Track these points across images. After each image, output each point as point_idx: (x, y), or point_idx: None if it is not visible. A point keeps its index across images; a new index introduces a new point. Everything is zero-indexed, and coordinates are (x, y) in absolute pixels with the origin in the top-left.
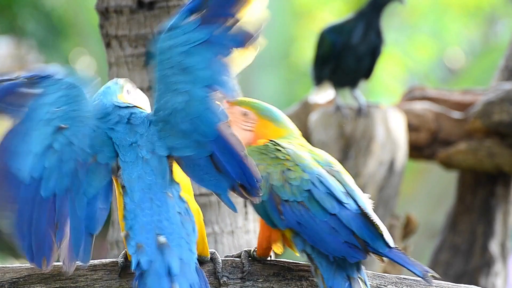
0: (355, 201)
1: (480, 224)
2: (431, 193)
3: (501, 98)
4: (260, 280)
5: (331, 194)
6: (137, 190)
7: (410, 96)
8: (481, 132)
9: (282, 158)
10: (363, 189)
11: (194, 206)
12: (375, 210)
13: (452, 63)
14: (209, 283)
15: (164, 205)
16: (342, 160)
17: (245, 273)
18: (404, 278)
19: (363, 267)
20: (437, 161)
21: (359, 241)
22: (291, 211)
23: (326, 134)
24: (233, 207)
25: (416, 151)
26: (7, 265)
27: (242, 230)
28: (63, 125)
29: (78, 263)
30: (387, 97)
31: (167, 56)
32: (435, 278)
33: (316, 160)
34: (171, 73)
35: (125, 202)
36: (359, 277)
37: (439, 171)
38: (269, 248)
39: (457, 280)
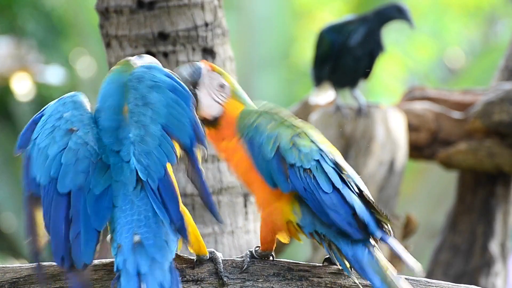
0: (356, 184)
1: (480, 224)
2: (431, 193)
3: (501, 98)
4: (260, 280)
5: (336, 170)
6: (120, 194)
7: (410, 96)
8: (481, 132)
9: (294, 124)
10: None
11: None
12: None
13: (452, 63)
14: (209, 283)
15: (145, 205)
16: None
17: (244, 269)
18: (404, 278)
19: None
20: (437, 161)
21: (357, 221)
22: (297, 175)
23: (326, 134)
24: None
25: (416, 151)
26: (7, 265)
27: (242, 230)
28: (74, 128)
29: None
30: (387, 97)
31: (135, 85)
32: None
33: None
34: (136, 104)
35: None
36: (373, 245)
37: (439, 171)
38: (273, 241)
39: (457, 280)
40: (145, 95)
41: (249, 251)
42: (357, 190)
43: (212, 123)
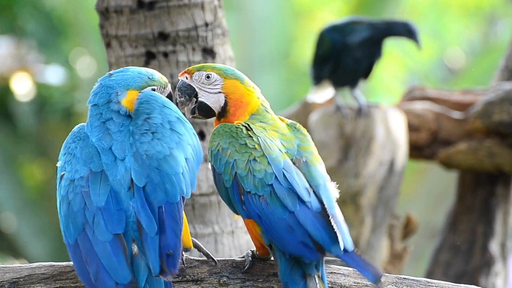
0: (318, 198)
1: (480, 224)
2: (431, 193)
3: (501, 98)
4: (260, 280)
5: (293, 190)
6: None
7: (410, 96)
8: (481, 132)
9: (251, 146)
10: (363, 189)
11: None
12: (375, 210)
13: (452, 63)
14: (209, 283)
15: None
16: (342, 160)
17: (245, 268)
18: (404, 278)
19: (323, 263)
20: (437, 161)
21: (313, 242)
22: (252, 203)
23: (326, 134)
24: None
25: (416, 151)
26: (7, 265)
27: (242, 230)
28: (62, 173)
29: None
30: (387, 97)
31: (162, 109)
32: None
33: (287, 148)
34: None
35: None
36: (317, 274)
37: (439, 171)
38: (264, 246)
39: (457, 280)
40: (172, 121)
41: (251, 250)
42: (317, 206)
43: (224, 112)
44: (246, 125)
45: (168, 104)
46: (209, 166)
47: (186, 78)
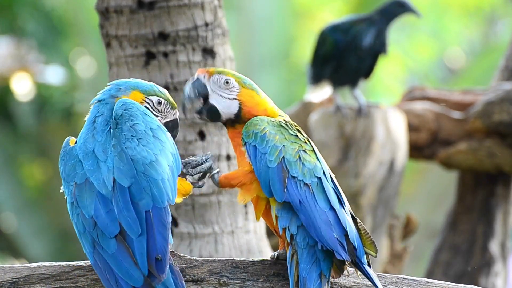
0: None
1: (480, 224)
2: (431, 193)
3: (501, 98)
4: (260, 280)
5: (336, 192)
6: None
7: (410, 96)
8: (481, 132)
9: (302, 139)
10: (363, 189)
11: None
12: (375, 210)
13: (452, 63)
14: (209, 283)
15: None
16: (342, 160)
17: (204, 178)
18: (404, 278)
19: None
20: (437, 161)
21: (348, 242)
22: (296, 187)
23: (326, 134)
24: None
25: (416, 151)
26: (7, 265)
27: (242, 230)
28: (65, 197)
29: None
30: (387, 97)
31: (144, 116)
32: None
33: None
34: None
35: None
36: (328, 280)
37: (439, 171)
38: (232, 187)
39: (457, 280)
40: (153, 129)
41: (212, 174)
42: (350, 214)
43: (236, 120)
44: (291, 122)
45: (147, 112)
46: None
47: (204, 77)
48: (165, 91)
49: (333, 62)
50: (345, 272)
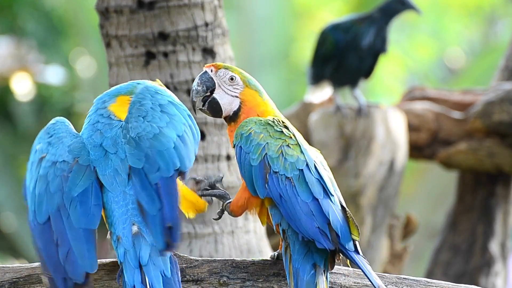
0: (339, 198)
1: (480, 224)
2: (431, 193)
3: (501, 98)
4: (260, 280)
5: (321, 182)
6: (110, 187)
7: (410, 96)
8: (481, 132)
9: (287, 134)
10: (363, 189)
11: None
12: (375, 210)
13: (452, 63)
14: (209, 283)
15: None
16: (342, 160)
17: (217, 218)
18: (404, 278)
19: (329, 269)
20: (437, 161)
21: (331, 231)
22: (277, 182)
23: (326, 134)
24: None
25: (416, 151)
26: (7, 265)
27: (242, 230)
28: (43, 155)
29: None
30: (387, 97)
31: (153, 95)
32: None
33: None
34: (151, 108)
35: (104, 202)
36: (324, 272)
37: (439, 171)
38: (243, 208)
39: (457, 280)
40: (163, 104)
41: (226, 203)
42: (338, 203)
43: (233, 118)
44: (279, 120)
45: (161, 91)
46: (208, 166)
47: (211, 71)
48: (145, 81)
49: (333, 62)
50: (337, 261)
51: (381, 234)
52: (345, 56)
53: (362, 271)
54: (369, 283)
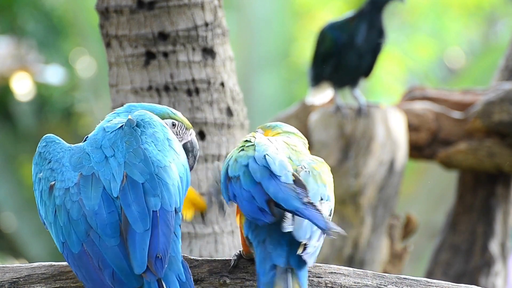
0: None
1: (480, 224)
2: (431, 193)
3: (501, 98)
4: None
5: (267, 168)
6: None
7: (410, 96)
8: (481, 132)
9: (247, 143)
10: (363, 189)
11: None
12: (375, 210)
13: (452, 63)
14: (209, 283)
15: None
16: (342, 160)
17: (230, 267)
18: (404, 278)
19: (303, 267)
20: (437, 161)
21: (270, 207)
22: (232, 185)
23: (326, 134)
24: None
25: (416, 151)
26: (7, 265)
27: None
28: (51, 183)
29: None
30: (387, 97)
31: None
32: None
33: (291, 157)
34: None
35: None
36: (290, 270)
37: (439, 171)
38: (245, 244)
39: (457, 280)
40: (170, 140)
41: (239, 250)
42: (290, 179)
43: None
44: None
45: (164, 125)
46: (208, 166)
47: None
48: (178, 112)
49: (333, 61)
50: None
51: (381, 234)
52: (344, 55)
53: (309, 219)
54: (369, 283)
